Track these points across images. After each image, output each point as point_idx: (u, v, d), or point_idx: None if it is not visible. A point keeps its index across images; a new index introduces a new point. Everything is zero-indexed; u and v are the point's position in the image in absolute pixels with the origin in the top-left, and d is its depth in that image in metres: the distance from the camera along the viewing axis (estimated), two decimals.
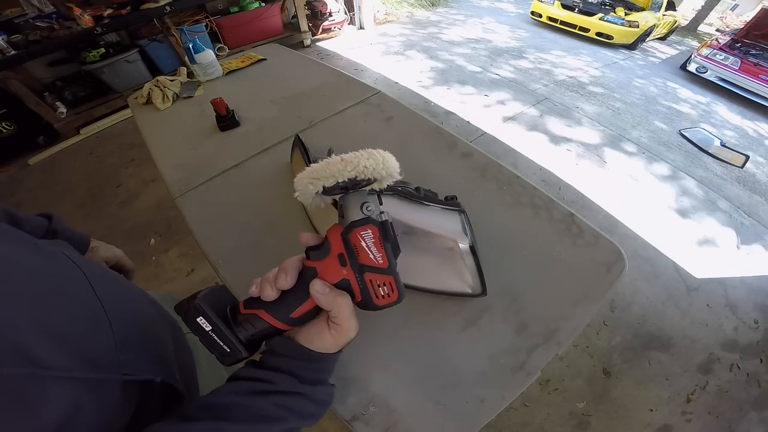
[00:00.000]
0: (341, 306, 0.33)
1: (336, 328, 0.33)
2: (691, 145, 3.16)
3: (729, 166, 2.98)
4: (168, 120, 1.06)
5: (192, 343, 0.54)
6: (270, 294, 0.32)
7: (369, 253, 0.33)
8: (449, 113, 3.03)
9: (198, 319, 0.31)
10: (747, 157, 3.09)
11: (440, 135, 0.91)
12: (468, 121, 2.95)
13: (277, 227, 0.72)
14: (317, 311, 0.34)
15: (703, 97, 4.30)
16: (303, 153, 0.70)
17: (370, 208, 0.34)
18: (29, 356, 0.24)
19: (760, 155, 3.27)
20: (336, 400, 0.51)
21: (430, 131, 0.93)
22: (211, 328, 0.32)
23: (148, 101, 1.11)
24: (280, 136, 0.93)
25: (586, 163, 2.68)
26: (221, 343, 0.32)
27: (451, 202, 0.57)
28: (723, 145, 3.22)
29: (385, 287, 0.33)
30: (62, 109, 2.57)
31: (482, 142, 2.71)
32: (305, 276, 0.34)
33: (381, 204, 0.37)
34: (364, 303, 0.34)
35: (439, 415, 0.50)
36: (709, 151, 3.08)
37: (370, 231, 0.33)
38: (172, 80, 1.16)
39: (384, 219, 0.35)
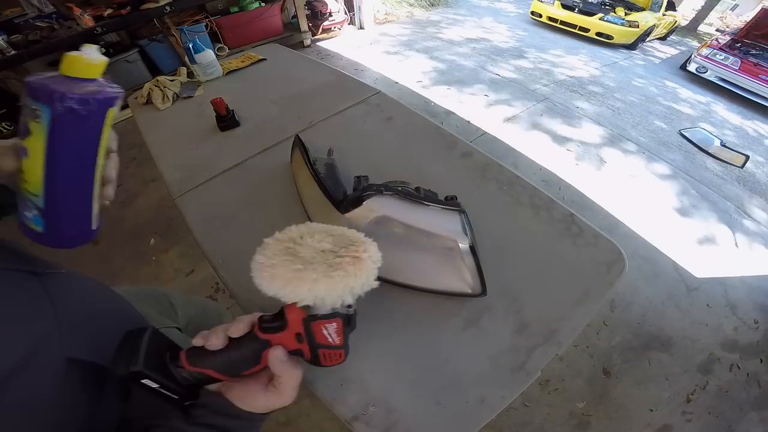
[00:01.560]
0: (293, 377, 0.34)
1: (275, 392, 0.34)
2: (691, 145, 3.16)
3: (729, 166, 2.98)
4: (168, 120, 1.06)
5: (173, 338, 0.54)
6: (216, 344, 0.32)
7: (328, 337, 0.33)
8: (449, 113, 3.03)
9: (143, 381, 0.31)
10: (747, 157, 3.09)
11: (440, 135, 0.91)
12: (468, 121, 2.95)
13: (277, 227, 0.72)
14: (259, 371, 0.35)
15: (703, 97, 4.30)
16: (303, 153, 0.71)
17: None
18: None
19: (760, 155, 3.28)
20: (336, 400, 0.51)
21: (430, 131, 0.93)
22: (157, 386, 0.31)
23: (148, 101, 1.11)
24: (280, 136, 0.93)
25: (586, 163, 2.68)
26: (168, 394, 0.32)
27: (451, 202, 0.57)
28: (723, 145, 3.22)
29: (335, 357, 0.35)
30: None
31: (482, 142, 2.71)
32: (254, 342, 0.33)
33: None
34: (312, 362, 0.35)
35: (439, 415, 0.50)
36: (709, 151, 3.08)
37: (335, 323, 0.34)
38: (172, 80, 1.16)
39: (350, 312, 0.35)
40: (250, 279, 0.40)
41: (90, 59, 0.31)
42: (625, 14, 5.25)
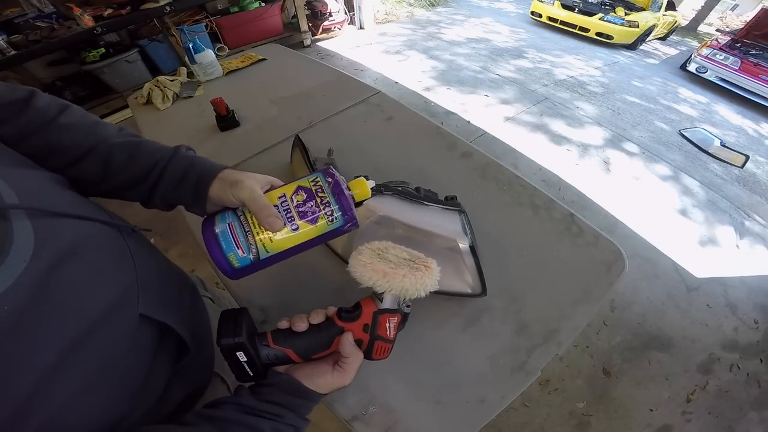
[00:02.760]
0: (357, 359, 0.40)
1: (340, 372, 0.39)
2: (691, 145, 3.16)
3: (729, 166, 2.98)
4: (168, 120, 1.06)
5: (208, 307, 0.57)
6: (302, 326, 0.39)
7: (387, 330, 0.41)
8: (449, 113, 3.03)
9: (237, 353, 0.37)
10: (747, 157, 3.09)
11: (440, 135, 0.91)
12: (468, 121, 2.95)
13: None
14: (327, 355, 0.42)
15: (703, 97, 4.30)
16: (303, 153, 0.70)
17: (402, 302, 0.43)
18: None
19: (760, 155, 3.27)
20: (336, 401, 0.51)
21: (430, 131, 0.93)
22: (246, 360, 0.37)
23: (148, 101, 1.11)
24: (280, 136, 0.93)
25: (586, 163, 2.68)
26: (248, 370, 0.38)
27: (451, 202, 0.57)
28: (723, 145, 3.22)
29: (384, 351, 0.42)
30: None
31: (482, 142, 2.71)
32: (331, 329, 0.40)
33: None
34: (366, 354, 0.42)
35: (439, 415, 0.50)
36: (709, 151, 3.08)
37: (396, 318, 0.42)
38: (172, 80, 1.16)
39: (408, 311, 0.43)
40: (249, 279, 0.40)
41: (369, 191, 0.43)
42: (625, 14, 5.24)
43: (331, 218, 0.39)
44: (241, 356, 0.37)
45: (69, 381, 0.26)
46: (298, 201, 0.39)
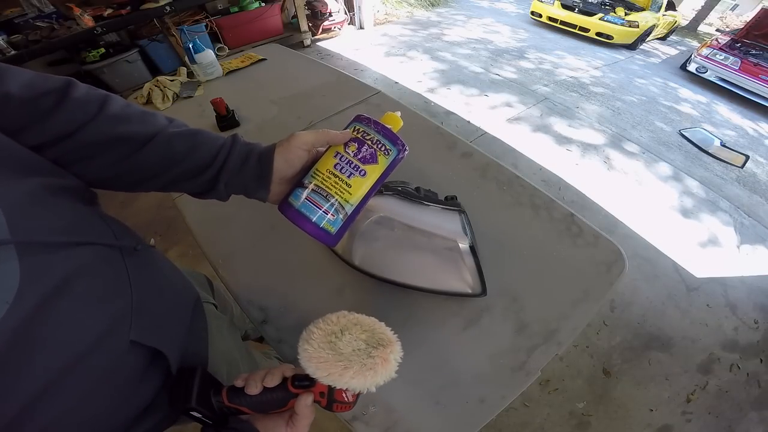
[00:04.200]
0: (310, 419, 0.39)
1: (293, 429, 0.39)
2: (691, 145, 3.16)
3: (729, 166, 2.98)
4: None
5: (208, 314, 0.56)
6: (254, 390, 0.38)
7: (345, 398, 0.39)
8: (449, 113, 3.03)
9: (191, 412, 0.37)
10: (747, 157, 3.09)
11: (440, 135, 0.91)
12: (468, 121, 2.95)
13: (276, 227, 0.72)
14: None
15: (703, 97, 4.30)
16: None
17: None
18: None
19: (760, 155, 3.27)
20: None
21: (430, 131, 0.93)
22: (201, 416, 0.38)
23: (148, 101, 1.11)
24: (280, 136, 0.92)
25: (586, 163, 2.68)
26: (207, 421, 0.38)
27: (451, 202, 0.57)
28: (723, 145, 3.22)
29: (345, 408, 0.40)
30: None
31: (482, 142, 2.71)
32: (285, 393, 0.39)
33: None
34: (325, 408, 0.41)
35: (439, 415, 0.50)
36: (709, 151, 3.08)
37: (353, 391, 0.40)
38: (172, 80, 1.16)
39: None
40: (249, 279, 0.40)
41: (401, 121, 0.46)
42: (625, 14, 5.24)
43: (386, 152, 0.42)
44: (196, 414, 0.38)
45: (53, 407, 0.27)
46: (353, 151, 0.41)
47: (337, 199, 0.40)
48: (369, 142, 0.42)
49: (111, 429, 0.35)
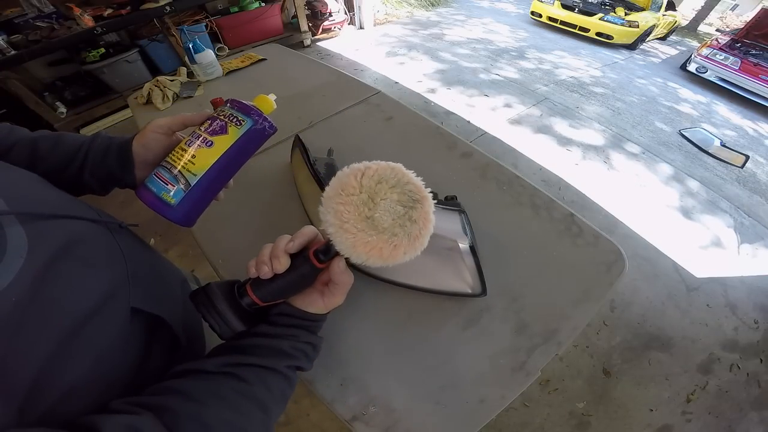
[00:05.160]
0: (349, 282, 0.40)
1: (331, 296, 0.40)
2: (691, 145, 3.16)
3: (729, 166, 2.98)
4: None
5: None
6: (267, 273, 0.36)
7: None
8: (449, 113, 3.03)
9: (227, 318, 0.36)
10: (747, 157, 3.09)
11: (440, 135, 0.91)
12: (468, 121, 2.95)
13: (277, 227, 0.72)
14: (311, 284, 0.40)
15: (703, 97, 4.30)
16: (303, 153, 0.70)
17: None
18: None
19: (760, 155, 3.27)
20: (336, 401, 0.51)
21: (430, 131, 0.93)
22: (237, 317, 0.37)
23: (148, 101, 1.11)
24: (280, 136, 0.93)
25: (586, 163, 2.68)
26: (225, 323, 0.37)
27: (451, 202, 0.57)
28: (723, 145, 3.22)
29: None
30: (62, 109, 2.57)
31: (482, 142, 2.71)
32: (313, 270, 0.37)
33: None
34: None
35: (439, 415, 0.50)
36: (709, 151, 3.08)
37: None
38: (172, 80, 1.16)
39: None
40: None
41: (273, 103, 0.47)
42: (625, 14, 5.24)
43: (238, 123, 0.41)
44: (233, 319, 0.36)
45: (67, 371, 0.28)
46: (205, 127, 0.42)
47: (179, 170, 0.40)
48: (221, 117, 0.42)
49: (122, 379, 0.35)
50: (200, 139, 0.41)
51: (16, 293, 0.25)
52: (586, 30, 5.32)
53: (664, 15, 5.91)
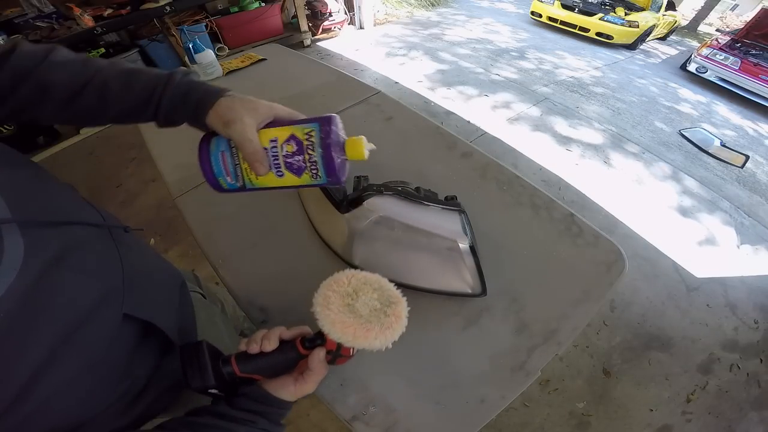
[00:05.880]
0: (323, 373, 0.41)
1: (303, 383, 0.40)
2: (691, 145, 3.16)
3: (729, 165, 2.98)
4: None
5: (195, 302, 0.58)
6: (269, 347, 0.39)
7: (351, 352, 0.40)
8: (449, 113, 3.03)
9: (210, 390, 0.38)
10: (747, 157, 3.09)
11: (440, 135, 0.91)
12: (468, 121, 2.95)
13: (277, 227, 0.72)
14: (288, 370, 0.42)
15: (703, 97, 4.30)
16: None
17: None
18: None
19: (760, 155, 3.27)
20: (336, 401, 0.51)
21: (430, 131, 0.93)
22: (217, 392, 0.38)
23: None
24: None
25: (586, 163, 2.68)
26: (219, 394, 0.39)
27: (451, 202, 0.57)
28: (723, 145, 3.22)
29: (346, 361, 0.42)
30: None
31: (482, 142, 2.71)
32: (296, 355, 0.40)
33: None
34: (329, 363, 0.41)
35: (439, 415, 0.50)
36: (709, 151, 3.08)
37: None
38: None
39: None
40: (249, 279, 0.40)
41: (365, 153, 0.43)
42: (625, 14, 5.24)
43: (315, 176, 0.40)
44: (213, 391, 0.39)
45: (58, 375, 0.29)
46: (287, 151, 0.39)
47: (243, 173, 0.41)
48: (306, 155, 0.39)
49: (107, 405, 0.36)
50: (275, 162, 0.40)
51: (5, 308, 0.26)
52: (586, 30, 5.32)
53: (664, 15, 5.91)
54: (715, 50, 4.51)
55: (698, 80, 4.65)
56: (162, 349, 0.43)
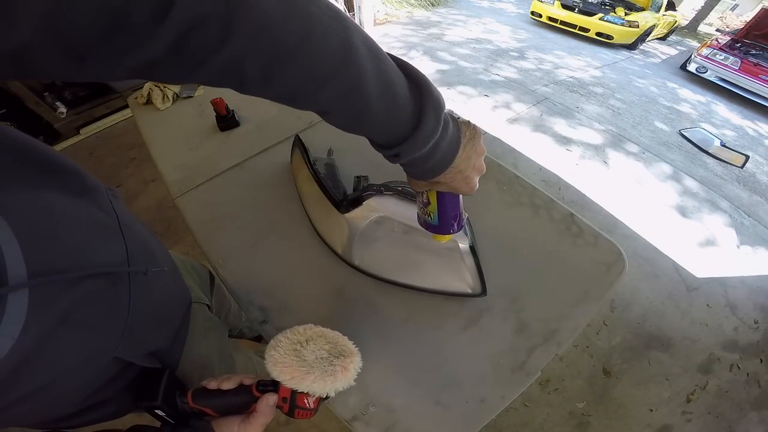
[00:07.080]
0: (268, 419, 0.42)
1: (247, 424, 0.41)
2: (691, 145, 3.16)
3: (729, 166, 2.98)
4: (168, 120, 1.06)
5: (195, 317, 0.57)
6: (213, 385, 0.41)
7: (307, 404, 0.41)
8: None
9: (156, 411, 0.41)
10: (747, 157, 3.09)
11: None
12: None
13: (277, 227, 0.72)
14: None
15: (703, 97, 4.30)
16: (303, 153, 0.71)
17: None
18: None
19: (760, 155, 3.27)
20: (336, 401, 0.51)
21: None
22: (164, 414, 0.41)
23: (148, 101, 1.11)
24: (280, 136, 0.93)
25: (586, 163, 2.68)
26: (168, 420, 0.41)
27: None
28: (723, 145, 3.22)
29: (306, 415, 0.42)
30: (62, 109, 2.57)
31: None
32: (249, 397, 0.42)
33: None
34: (287, 414, 0.42)
35: (439, 415, 0.50)
36: (709, 151, 3.08)
37: (314, 397, 0.41)
38: None
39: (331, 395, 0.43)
40: (249, 279, 0.40)
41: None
42: (625, 14, 5.24)
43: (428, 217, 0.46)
44: (160, 412, 0.41)
45: (25, 398, 0.29)
46: (422, 201, 0.47)
47: (427, 209, 0.46)
48: (422, 202, 0.46)
49: (70, 407, 0.38)
50: (422, 209, 0.46)
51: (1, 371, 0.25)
52: (586, 30, 5.32)
53: (664, 15, 5.92)
54: (715, 50, 4.52)
55: (698, 80, 4.65)
56: (134, 375, 0.44)
